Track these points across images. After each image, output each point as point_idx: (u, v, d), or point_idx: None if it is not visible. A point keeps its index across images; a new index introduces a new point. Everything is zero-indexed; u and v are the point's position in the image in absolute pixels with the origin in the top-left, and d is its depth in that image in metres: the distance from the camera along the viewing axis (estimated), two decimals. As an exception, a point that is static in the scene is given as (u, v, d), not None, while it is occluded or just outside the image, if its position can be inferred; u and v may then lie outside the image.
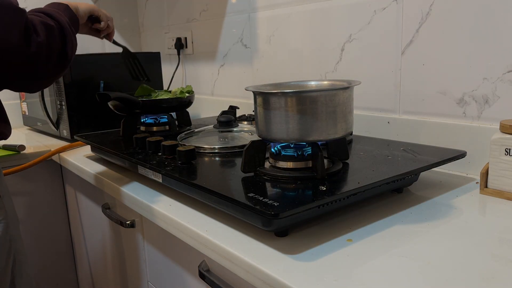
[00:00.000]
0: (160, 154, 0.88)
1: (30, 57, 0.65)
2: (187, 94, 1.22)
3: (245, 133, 0.99)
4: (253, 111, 0.76)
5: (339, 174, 0.71)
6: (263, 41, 1.33)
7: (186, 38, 1.69)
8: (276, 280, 0.51)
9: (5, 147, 1.24)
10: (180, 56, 1.72)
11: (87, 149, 1.16)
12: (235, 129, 1.00)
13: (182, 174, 0.74)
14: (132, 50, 1.26)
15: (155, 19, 1.87)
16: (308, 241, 0.59)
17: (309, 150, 0.72)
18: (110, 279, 1.13)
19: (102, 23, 1.01)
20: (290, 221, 0.60)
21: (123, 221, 0.91)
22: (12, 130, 0.77)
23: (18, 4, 0.65)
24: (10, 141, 1.24)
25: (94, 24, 1.01)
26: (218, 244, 0.60)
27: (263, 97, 0.71)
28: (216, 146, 0.90)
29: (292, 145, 0.73)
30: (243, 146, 0.77)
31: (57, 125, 1.36)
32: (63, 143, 1.27)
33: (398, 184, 0.74)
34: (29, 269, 0.83)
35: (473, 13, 0.83)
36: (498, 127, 0.75)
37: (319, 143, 0.70)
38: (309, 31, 1.16)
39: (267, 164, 0.75)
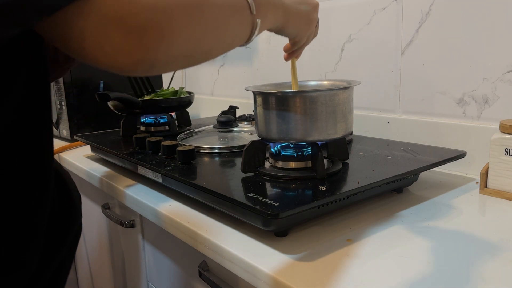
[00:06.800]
0: (160, 154, 0.88)
1: None
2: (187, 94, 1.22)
3: (245, 133, 0.99)
4: (253, 111, 0.76)
5: (338, 174, 0.71)
6: (263, 41, 1.32)
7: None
8: (276, 280, 0.51)
9: None
10: (180, 56, 1.72)
11: (87, 149, 1.16)
12: (235, 129, 1.00)
13: (182, 174, 0.74)
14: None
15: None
16: (308, 241, 0.59)
17: (309, 150, 0.72)
18: (110, 279, 1.13)
19: None
20: (290, 221, 0.60)
21: (123, 221, 0.90)
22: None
23: None
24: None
25: None
26: (218, 244, 0.60)
27: (263, 97, 0.71)
28: (216, 146, 0.90)
29: (292, 145, 0.73)
30: (243, 146, 0.77)
31: (57, 125, 1.36)
32: (63, 143, 1.27)
33: (398, 184, 0.74)
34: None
35: (473, 13, 0.83)
36: (498, 127, 0.75)
37: (319, 143, 0.70)
38: (309, 31, 1.16)
39: (267, 164, 0.75)
